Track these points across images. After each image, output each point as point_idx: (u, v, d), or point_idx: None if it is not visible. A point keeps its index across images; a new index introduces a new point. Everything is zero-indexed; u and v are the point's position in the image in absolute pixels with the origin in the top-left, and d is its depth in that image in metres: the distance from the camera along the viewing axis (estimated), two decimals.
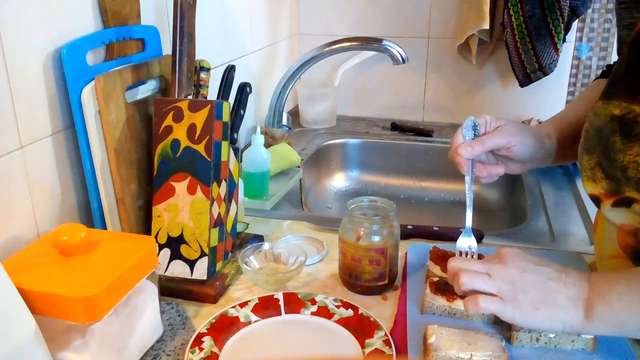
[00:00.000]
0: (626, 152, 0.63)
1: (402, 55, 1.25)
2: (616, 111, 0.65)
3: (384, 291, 0.80)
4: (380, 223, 0.77)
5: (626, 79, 0.65)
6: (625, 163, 0.64)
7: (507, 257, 0.64)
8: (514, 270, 0.63)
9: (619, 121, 0.64)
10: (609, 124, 0.66)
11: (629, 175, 0.64)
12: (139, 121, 0.83)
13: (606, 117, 0.66)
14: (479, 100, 1.64)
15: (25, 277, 0.58)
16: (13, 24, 0.68)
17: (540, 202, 1.12)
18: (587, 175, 0.71)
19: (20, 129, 0.70)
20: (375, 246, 0.77)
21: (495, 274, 0.63)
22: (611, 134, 0.65)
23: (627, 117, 0.63)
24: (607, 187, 0.69)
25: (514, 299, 0.61)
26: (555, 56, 1.42)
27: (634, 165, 0.63)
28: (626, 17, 0.73)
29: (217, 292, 0.78)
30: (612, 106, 0.66)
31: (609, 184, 0.68)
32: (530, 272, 0.63)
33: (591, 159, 0.70)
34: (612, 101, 0.66)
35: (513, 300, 0.61)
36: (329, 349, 0.68)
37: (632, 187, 0.64)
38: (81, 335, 0.58)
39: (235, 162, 0.85)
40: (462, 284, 0.63)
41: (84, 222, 0.81)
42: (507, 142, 0.78)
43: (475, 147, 0.77)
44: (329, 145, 1.53)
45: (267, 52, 1.52)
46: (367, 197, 0.82)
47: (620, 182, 0.66)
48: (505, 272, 0.63)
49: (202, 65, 0.88)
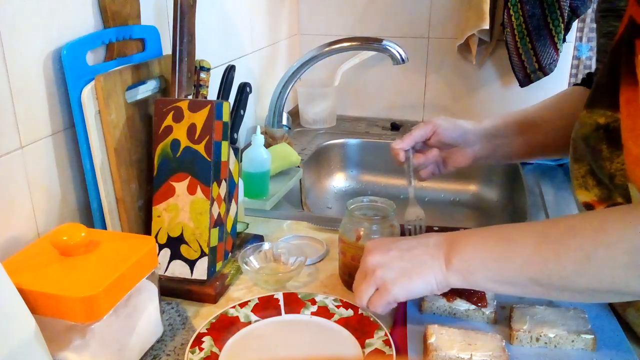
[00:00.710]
0: (613, 160, 0.64)
1: (402, 55, 1.25)
2: (601, 120, 0.66)
3: None
4: (380, 223, 0.78)
5: (609, 87, 0.65)
6: (612, 171, 0.64)
7: (369, 249, 0.69)
8: (379, 256, 0.67)
9: (605, 129, 0.65)
10: (595, 132, 0.66)
11: (616, 182, 0.64)
12: (139, 121, 0.83)
13: (591, 126, 0.67)
14: (479, 100, 1.64)
15: (25, 277, 0.58)
16: (13, 24, 0.68)
17: (540, 202, 1.12)
18: (579, 183, 0.72)
19: (20, 129, 0.70)
20: None
21: (368, 270, 0.67)
22: (597, 143, 0.66)
23: (612, 125, 0.64)
24: (600, 194, 0.69)
25: (391, 280, 0.65)
26: (555, 56, 1.42)
27: (621, 172, 0.63)
28: (605, 26, 0.74)
29: (217, 292, 0.78)
30: (596, 115, 0.66)
31: (601, 190, 0.69)
32: (393, 249, 0.67)
33: (581, 167, 0.71)
34: (596, 110, 0.67)
35: (391, 282, 0.65)
36: (329, 349, 0.68)
37: (620, 194, 0.64)
38: (81, 335, 0.58)
39: (235, 162, 0.85)
40: (360, 306, 0.69)
41: (84, 222, 0.81)
42: (431, 128, 0.90)
43: (405, 138, 0.90)
44: (329, 145, 1.53)
45: (267, 52, 1.52)
46: (367, 197, 0.82)
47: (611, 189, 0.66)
48: (374, 262, 0.67)
49: (202, 65, 0.88)
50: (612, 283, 0.57)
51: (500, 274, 0.61)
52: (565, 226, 0.60)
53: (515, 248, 0.61)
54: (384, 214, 0.79)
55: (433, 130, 0.90)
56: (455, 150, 0.93)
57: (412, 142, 0.90)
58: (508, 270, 0.61)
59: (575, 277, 0.58)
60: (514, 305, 0.71)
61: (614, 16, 0.71)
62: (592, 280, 0.57)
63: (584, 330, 0.66)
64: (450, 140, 0.91)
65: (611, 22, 0.72)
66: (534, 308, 0.70)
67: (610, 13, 0.72)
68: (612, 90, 0.63)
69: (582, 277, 0.57)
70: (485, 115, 1.62)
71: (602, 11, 0.74)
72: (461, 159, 0.93)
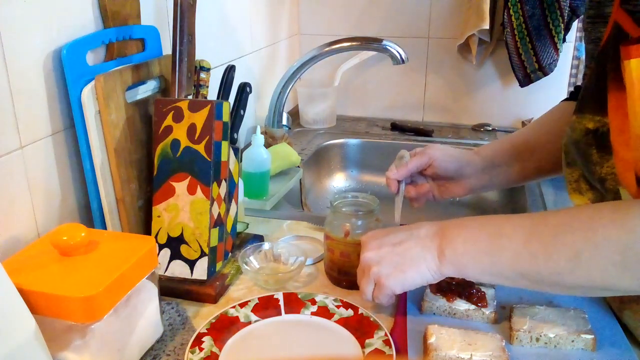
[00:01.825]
0: (603, 164, 0.64)
1: (402, 55, 1.25)
2: (590, 125, 0.66)
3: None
4: (367, 217, 0.79)
5: (596, 92, 0.65)
6: (602, 175, 0.65)
7: (364, 245, 0.71)
8: (372, 253, 0.69)
9: (594, 134, 0.65)
10: (584, 137, 0.67)
11: (607, 186, 0.64)
12: (139, 121, 0.83)
13: (581, 131, 0.67)
14: (479, 100, 1.64)
15: (25, 277, 0.58)
16: (13, 24, 0.68)
17: (540, 202, 1.12)
18: (573, 187, 0.72)
19: (20, 129, 0.70)
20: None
21: (365, 267, 0.70)
22: (587, 147, 0.66)
23: (601, 130, 0.64)
24: (593, 197, 0.69)
25: (385, 275, 0.67)
26: (555, 56, 1.42)
27: (612, 176, 0.64)
28: (593, 32, 0.74)
29: (217, 292, 0.78)
30: (585, 120, 0.67)
31: (595, 194, 0.69)
32: (385, 245, 0.69)
33: (574, 172, 0.71)
34: (585, 115, 0.67)
35: (385, 277, 0.67)
36: (329, 349, 0.68)
37: (611, 197, 0.64)
38: (81, 335, 0.58)
39: (235, 162, 0.85)
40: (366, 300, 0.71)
41: (84, 222, 0.81)
42: (427, 160, 0.89)
43: (400, 169, 0.88)
44: (328, 145, 1.53)
45: (267, 52, 1.52)
46: (350, 193, 0.84)
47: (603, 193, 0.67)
48: (369, 259, 0.69)
49: (202, 65, 0.88)
50: (603, 280, 0.57)
51: (491, 268, 0.63)
52: (555, 223, 0.60)
53: (505, 243, 0.62)
54: (368, 208, 0.80)
55: (429, 163, 0.89)
56: (450, 181, 0.92)
57: (407, 173, 0.89)
58: (499, 265, 0.62)
59: (566, 274, 0.58)
60: (514, 305, 0.71)
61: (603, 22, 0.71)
62: (582, 278, 0.58)
63: (584, 330, 0.66)
64: (445, 173, 0.90)
65: (599, 28, 0.72)
66: (534, 308, 0.70)
67: (598, 19, 0.72)
68: (599, 95, 0.64)
69: (572, 275, 0.58)
70: (485, 115, 1.64)
71: (590, 17, 0.74)
72: (457, 190, 0.92)
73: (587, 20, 0.75)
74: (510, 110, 1.61)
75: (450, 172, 0.90)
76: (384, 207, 0.82)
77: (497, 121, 1.63)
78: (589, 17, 0.75)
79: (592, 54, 0.75)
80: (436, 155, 0.89)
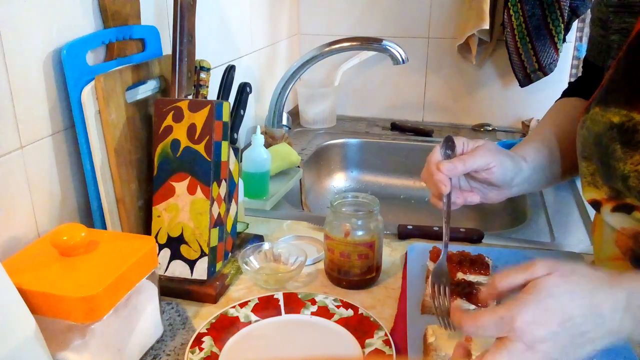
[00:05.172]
0: (627, 161, 0.62)
1: (402, 55, 1.25)
2: (615, 118, 0.63)
3: (372, 284, 0.81)
4: (366, 217, 0.79)
5: (625, 85, 0.63)
6: (626, 172, 0.62)
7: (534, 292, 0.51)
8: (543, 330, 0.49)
9: (619, 129, 0.63)
10: (608, 131, 0.64)
11: (629, 184, 0.62)
12: (139, 121, 0.83)
13: (605, 125, 0.64)
14: (479, 100, 1.64)
15: (25, 277, 0.58)
16: (13, 24, 0.68)
17: (540, 202, 1.12)
18: (588, 181, 0.70)
19: (20, 129, 0.70)
20: (363, 240, 0.78)
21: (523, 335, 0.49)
22: (610, 142, 0.63)
23: (627, 125, 0.62)
24: (609, 191, 0.67)
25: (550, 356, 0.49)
26: (555, 56, 1.42)
27: (635, 174, 0.61)
28: (617, 22, 0.71)
29: (217, 292, 0.78)
30: (610, 113, 0.64)
31: (611, 188, 0.67)
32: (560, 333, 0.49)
33: (590, 165, 0.69)
34: (610, 108, 0.64)
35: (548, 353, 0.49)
36: (329, 349, 0.68)
37: (633, 196, 0.62)
38: (81, 335, 0.58)
39: (235, 162, 0.85)
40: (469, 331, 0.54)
41: (84, 222, 0.81)
42: (487, 163, 0.70)
43: (458, 164, 0.69)
44: (329, 145, 1.53)
45: (267, 52, 1.52)
46: (350, 193, 0.84)
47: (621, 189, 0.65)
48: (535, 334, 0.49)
49: (202, 65, 0.88)
50: None
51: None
52: None
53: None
54: (368, 208, 0.80)
55: (489, 167, 0.71)
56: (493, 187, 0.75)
57: (464, 170, 0.70)
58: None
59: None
60: None
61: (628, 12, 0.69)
62: None
63: None
64: (497, 181, 0.73)
65: (625, 18, 0.70)
66: None
67: (622, 9, 0.70)
68: (628, 88, 0.61)
69: None
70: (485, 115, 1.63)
71: (613, 6, 0.71)
72: (494, 197, 0.76)
73: (609, 9, 0.71)
74: (510, 111, 1.61)
75: (504, 181, 0.73)
76: (384, 207, 0.82)
77: (497, 121, 1.63)
78: (611, 6, 0.71)
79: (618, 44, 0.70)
80: (496, 162, 0.71)
